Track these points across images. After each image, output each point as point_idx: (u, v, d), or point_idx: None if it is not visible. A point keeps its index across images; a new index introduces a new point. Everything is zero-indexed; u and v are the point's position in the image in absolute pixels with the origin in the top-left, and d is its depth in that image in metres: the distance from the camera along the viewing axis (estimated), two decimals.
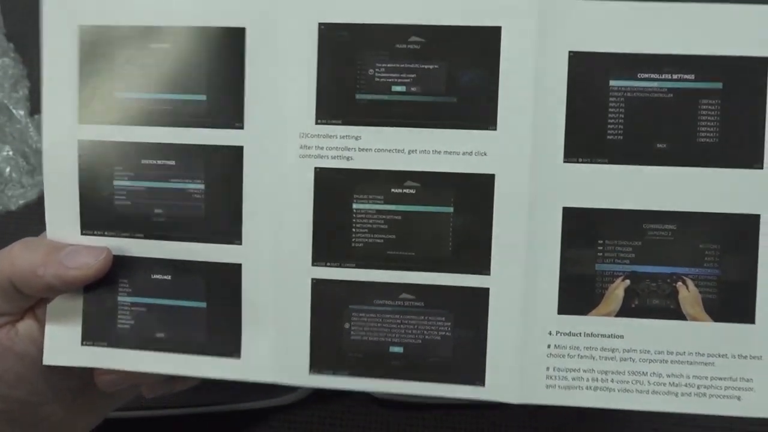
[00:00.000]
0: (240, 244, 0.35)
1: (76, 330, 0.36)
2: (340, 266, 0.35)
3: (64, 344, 0.36)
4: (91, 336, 0.36)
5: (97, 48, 0.35)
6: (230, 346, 0.36)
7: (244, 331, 0.36)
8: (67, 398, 0.38)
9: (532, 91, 0.32)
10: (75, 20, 0.35)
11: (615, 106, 0.32)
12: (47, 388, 0.37)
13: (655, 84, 0.32)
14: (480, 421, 0.53)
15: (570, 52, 0.32)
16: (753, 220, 0.32)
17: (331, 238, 0.34)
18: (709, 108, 0.32)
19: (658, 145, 0.32)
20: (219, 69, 0.34)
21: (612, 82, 0.32)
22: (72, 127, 0.35)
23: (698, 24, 0.32)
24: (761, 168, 0.32)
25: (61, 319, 0.36)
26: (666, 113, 0.32)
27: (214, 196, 0.35)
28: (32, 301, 0.35)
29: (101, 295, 0.36)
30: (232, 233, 0.35)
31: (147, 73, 0.35)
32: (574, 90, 0.32)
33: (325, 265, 0.35)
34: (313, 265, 0.35)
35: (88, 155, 0.35)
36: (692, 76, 0.32)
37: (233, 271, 0.35)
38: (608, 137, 0.32)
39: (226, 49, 0.34)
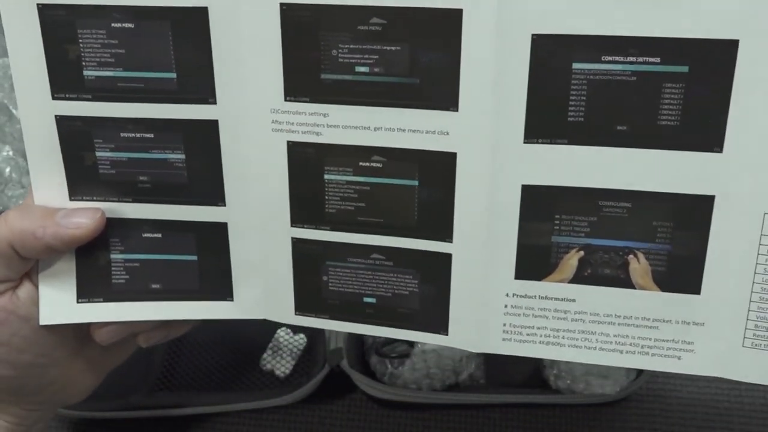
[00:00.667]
0: (224, 205, 0.37)
1: (70, 289, 0.38)
2: (316, 228, 0.37)
3: (59, 303, 0.37)
4: (86, 293, 0.38)
5: (60, 27, 0.34)
6: (223, 291, 0.38)
7: (234, 279, 0.38)
8: (69, 358, 0.39)
9: (493, 74, 0.32)
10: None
11: (577, 89, 0.32)
12: (52, 349, 0.38)
13: (619, 67, 0.32)
14: (480, 421, 0.53)
15: (533, 34, 0.32)
16: (708, 201, 0.33)
17: (306, 203, 0.36)
18: (673, 91, 0.32)
19: (619, 127, 0.33)
20: (186, 48, 0.34)
21: (575, 65, 0.32)
22: (46, 103, 0.35)
23: (665, 6, 0.31)
24: (720, 152, 0.32)
25: (54, 280, 0.37)
26: (628, 96, 0.32)
27: (196, 164, 0.36)
28: (29, 265, 0.37)
29: (94, 254, 0.38)
30: (216, 196, 0.37)
31: (113, 51, 0.35)
32: (536, 72, 0.32)
33: (303, 227, 0.37)
34: (292, 226, 0.37)
35: (66, 130, 0.36)
36: (658, 59, 0.31)
37: (220, 229, 0.38)
38: (569, 119, 0.33)
39: (191, 29, 0.34)
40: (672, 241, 0.34)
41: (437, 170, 0.34)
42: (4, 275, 0.36)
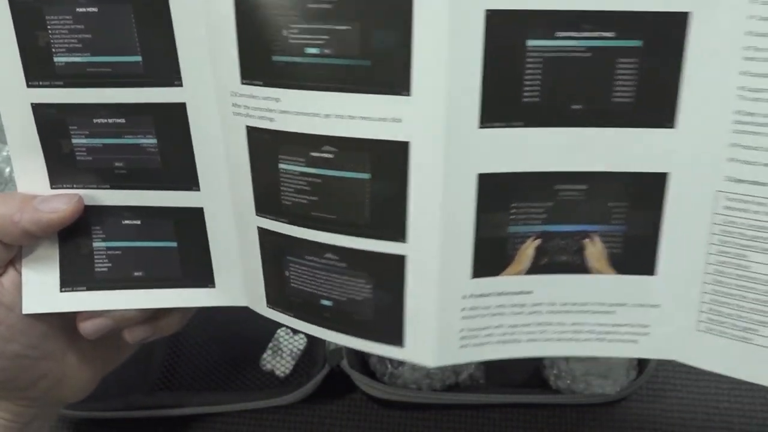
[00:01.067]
0: (198, 190, 0.37)
1: (54, 278, 0.38)
2: (275, 219, 0.35)
3: (43, 292, 0.37)
4: (69, 282, 0.38)
5: (29, 14, 0.34)
6: (204, 278, 0.38)
7: (215, 265, 0.38)
8: (60, 351, 0.39)
9: (447, 54, 0.30)
10: None
11: (532, 67, 0.31)
12: (41, 340, 0.38)
13: (573, 42, 0.30)
14: (480, 421, 0.53)
15: (487, 10, 0.30)
16: (661, 179, 0.32)
17: (266, 192, 0.35)
18: (627, 66, 0.31)
19: (573, 107, 0.31)
20: (149, 31, 0.34)
21: (529, 42, 0.30)
22: (22, 91, 0.35)
23: None
24: (673, 127, 0.31)
25: (37, 269, 0.37)
26: (583, 73, 0.31)
27: (168, 148, 0.36)
28: (12, 252, 0.37)
29: (76, 243, 0.38)
30: (189, 181, 0.36)
31: (80, 37, 0.35)
32: (490, 51, 0.30)
33: (265, 217, 0.35)
34: (257, 214, 0.36)
35: (42, 118, 0.36)
36: (612, 34, 0.30)
37: (196, 214, 0.37)
38: (524, 100, 0.31)
39: (152, 10, 0.34)
40: (627, 222, 0.33)
41: (389, 162, 0.32)
42: None
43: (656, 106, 0.31)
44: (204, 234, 0.37)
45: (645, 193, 0.32)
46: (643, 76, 0.31)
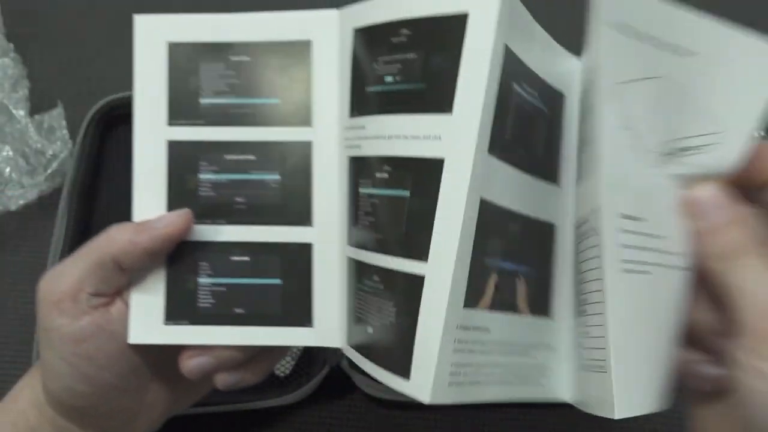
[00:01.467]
0: (311, 226, 0.38)
1: (159, 310, 0.38)
2: (355, 247, 0.37)
3: (148, 324, 0.38)
4: (173, 315, 0.38)
5: (184, 61, 0.39)
6: (303, 317, 0.39)
7: (315, 303, 0.39)
8: (141, 388, 0.40)
9: (486, 79, 0.31)
10: (164, 38, 0.39)
11: (513, 108, 0.34)
12: (130, 373, 0.39)
13: (525, 95, 0.35)
14: (480, 421, 0.53)
15: (505, 45, 0.32)
16: (552, 229, 0.38)
17: (354, 221, 0.37)
18: (542, 125, 0.37)
19: (520, 151, 0.35)
20: (290, 76, 0.38)
21: (514, 86, 0.34)
22: (161, 129, 0.39)
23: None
24: (559, 186, 0.38)
25: (144, 301, 0.38)
26: (529, 123, 0.35)
27: (289, 185, 0.39)
28: (125, 279, 0.38)
29: (183, 278, 0.39)
30: (304, 217, 0.39)
31: (228, 81, 0.39)
32: (502, 84, 0.32)
33: (355, 246, 0.37)
34: (348, 243, 0.37)
35: (176, 154, 0.39)
36: (536, 93, 0.36)
37: (305, 251, 0.39)
38: (505, 136, 0.34)
39: (296, 59, 0.38)
40: (537, 265, 0.36)
41: (426, 178, 0.33)
42: (101, 290, 0.37)
43: (552, 166, 0.37)
44: (309, 271, 0.39)
45: (544, 240, 0.37)
46: (548, 135, 0.37)
